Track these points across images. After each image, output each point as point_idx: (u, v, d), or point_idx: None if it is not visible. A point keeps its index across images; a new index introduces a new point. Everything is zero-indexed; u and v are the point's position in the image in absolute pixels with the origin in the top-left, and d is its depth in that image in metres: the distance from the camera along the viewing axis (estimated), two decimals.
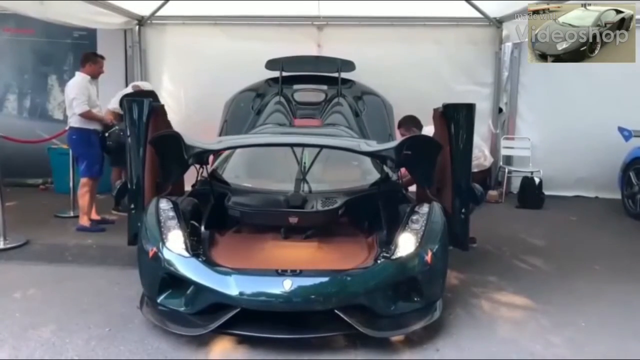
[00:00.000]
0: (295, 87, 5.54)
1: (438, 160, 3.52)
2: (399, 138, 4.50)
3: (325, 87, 5.56)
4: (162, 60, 7.00)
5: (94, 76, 5.28)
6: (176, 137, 3.43)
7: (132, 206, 3.68)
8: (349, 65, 5.78)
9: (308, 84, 5.66)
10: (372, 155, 3.69)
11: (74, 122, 5.14)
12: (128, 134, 3.64)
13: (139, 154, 3.61)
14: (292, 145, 3.99)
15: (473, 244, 4.69)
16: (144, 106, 3.60)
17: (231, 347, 2.87)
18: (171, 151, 3.49)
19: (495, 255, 4.56)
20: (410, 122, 4.72)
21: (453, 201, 3.58)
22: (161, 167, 3.68)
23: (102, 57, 5.37)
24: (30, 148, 6.21)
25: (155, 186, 3.75)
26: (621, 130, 6.14)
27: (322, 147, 3.86)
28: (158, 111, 3.82)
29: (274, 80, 5.60)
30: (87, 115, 5.08)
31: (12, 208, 5.77)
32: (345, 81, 5.64)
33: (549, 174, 6.68)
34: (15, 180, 6.81)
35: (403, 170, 4.23)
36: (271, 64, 5.74)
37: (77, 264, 4.21)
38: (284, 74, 5.52)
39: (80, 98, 5.04)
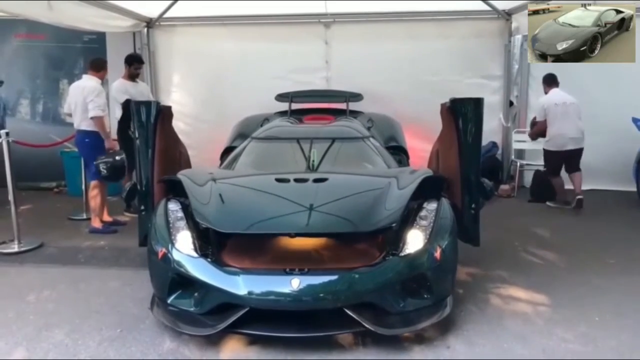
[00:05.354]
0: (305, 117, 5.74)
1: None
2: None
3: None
4: (171, 61, 7.07)
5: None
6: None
7: (142, 208, 3.72)
8: (356, 97, 6.01)
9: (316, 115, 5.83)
10: (373, 232, 3.21)
11: (85, 125, 5.15)
12: (137, 135, 3.68)
13: (148, 155, 3.64)
14: (300, 233, 3.19)
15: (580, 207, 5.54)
16: (151, 108, 3.64)
17: (241, 346, 2.88)
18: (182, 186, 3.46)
19: (506, 250, 4.51)
20: (552, 81, 6.00)
21: (463, 196, 3.55)
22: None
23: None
24: (44, 152, 6.28)
25: (164, 187, 3.77)
26: (635, 120, 6.04)
27: (328, 235, 3.33)
28: (165, 113, 3.85)
29: (283, 112, 5.79)
30: (98, 122, 5.08)
31: (27, 211, 5.88)
32: (354, 112, 5.81)
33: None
34: (29, 183, 6.95)
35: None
36: (280, 97, 5.99)
37: (90, 266, 4.26)
38: (293, 106, 5.78)
39: (97, 102, 5.05)
